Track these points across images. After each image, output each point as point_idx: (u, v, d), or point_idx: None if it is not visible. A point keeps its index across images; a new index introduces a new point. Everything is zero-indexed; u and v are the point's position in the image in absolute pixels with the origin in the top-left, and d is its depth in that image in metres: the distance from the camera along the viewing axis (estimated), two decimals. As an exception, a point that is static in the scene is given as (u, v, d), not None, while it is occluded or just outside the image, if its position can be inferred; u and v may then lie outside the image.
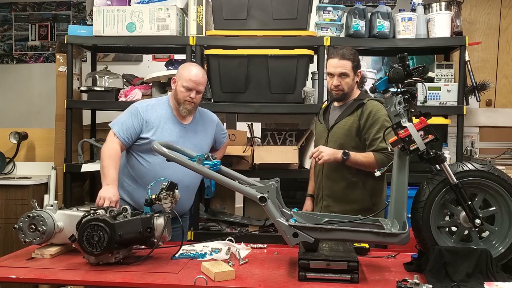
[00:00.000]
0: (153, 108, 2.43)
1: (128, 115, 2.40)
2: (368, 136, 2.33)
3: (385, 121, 2.30)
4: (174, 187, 1.99)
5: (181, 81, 2.41)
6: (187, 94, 2.39)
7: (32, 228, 1.96)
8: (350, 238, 1.84)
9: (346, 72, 2.35)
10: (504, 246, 1.81)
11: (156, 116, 2.42)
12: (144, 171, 2.40)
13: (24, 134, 3.97)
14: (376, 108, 2.33)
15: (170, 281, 1.71)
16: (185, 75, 2.40)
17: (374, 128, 2.31)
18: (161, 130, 2.40)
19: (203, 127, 2.56)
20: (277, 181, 1.90)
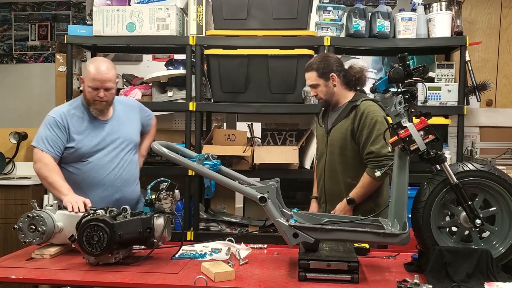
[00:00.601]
0: (69, 114, 2.32)
1: (47, 127, 2.28)
2: (359, 141, 2.31)
3: (376, 122, 2.27)
4: (174, 187, 1.99)
5: (87, 80, 2.28)
6: (95, 94, 2.27)
7: (32, 228, 1.96)
8: (350, 239, 1.84)
9: (313, 83, 2.39)
10: (504, 246, 1.81)
11: (75, 121, 2.32)
12: (79, 180, 2.32)
13: (23, 134, 3.97)
14: (368, 109, 2.30)
15: (170, 281, 1.71)
16: (89, 73, 2.26)
17: (365, 131, 2.28)
18: (85, 134, 2.32)
19: (126, 116, 2.48)
20: (277, 181, 1.90)
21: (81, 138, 2.31)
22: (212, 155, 2.02)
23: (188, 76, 3.15)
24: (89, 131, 2.34)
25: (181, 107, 3.20)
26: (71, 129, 2.31)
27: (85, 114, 2.36)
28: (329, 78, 2.37)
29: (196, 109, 3.14)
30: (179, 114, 3.96)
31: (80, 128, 2.33)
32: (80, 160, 2.32)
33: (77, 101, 2.41)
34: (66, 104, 2.44)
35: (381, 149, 2.24)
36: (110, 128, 2.40)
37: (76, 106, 2.38)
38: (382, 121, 2.28)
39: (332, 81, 2.37)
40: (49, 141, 2.26)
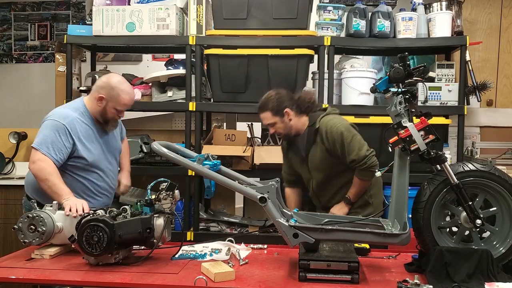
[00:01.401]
0: (77, 121, 2.29)
1: (54, 133, 2.22)
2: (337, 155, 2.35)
3: (342, 133, 2.32)
4: (174, 188, 1.99)
5: (114, 103, 2.29)
6: (116, 114, 2.33)
7: (32, 228, 1.96)
8: (350, 239, 1.84)
9: (270, 123, 2.42)
10: (505, 247, 1.81)
11: (84, 129, 2.30)
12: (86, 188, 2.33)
13: (23, 134, 3.96)
14: (328, 125, 2.36)
15: (170, 281, 1.71)
16: (120, 100, 2.29)
17: (337, 146, 2.33)
18: (91, 144, 2.32)
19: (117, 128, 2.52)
20: (277, 182, 1.90)
21: (92, 149, 2.32)
22: (212, 155, 2.02)
23: (188, 76, 3.15)
24: (95, 141, 2.35)
25: (181, 107, 3.19)
26: (80, 137, 2.28)
27: (92, 125, 2.36)
28: (283, 114, 2.39)
29: (196, 109, 3.14)
30: (179, 114, 3.96)
31: (89, 138, 2.32)
32: (90, 170, 2.32)
33: (81, 108, 2.35)
34: (71, 110, 2.34)
35: (359, 153, 2.30)
36: (107, 139, 2.44)
37: (82, 114, 2.33)
38: (346, 128, 2.34)
39: (287, 116, 2.40)
40: (54, 147, 2.20)
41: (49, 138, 2.21)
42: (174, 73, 3.25)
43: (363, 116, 3.09)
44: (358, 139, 2.35)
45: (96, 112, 2.34)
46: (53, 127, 2.24)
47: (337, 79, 3.23)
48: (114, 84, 2.30)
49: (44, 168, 2.17)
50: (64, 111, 2.35)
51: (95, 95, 2.31)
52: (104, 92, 2.29)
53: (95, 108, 2.33)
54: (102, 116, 2.34)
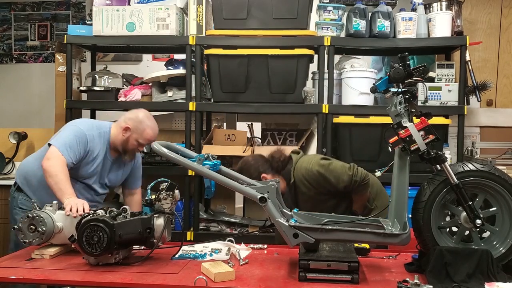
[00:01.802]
0: (95, 140, 2.38)
1: (74, 139, 2.30)
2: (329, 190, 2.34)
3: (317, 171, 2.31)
4: (174, 188, 1.99)
5: (138, 136, 2.38)
6: (137, 146, 2.40)
7: (32, 228, 1.96)
8: (350, 239, 1.84)
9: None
10: (505, 247, 1.81)
11: (97, 149, 2.38)
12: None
13: (23, 134, 3.96)
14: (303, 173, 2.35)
15: (170, 281, 1.71)
16: (145, 134, 2.38)
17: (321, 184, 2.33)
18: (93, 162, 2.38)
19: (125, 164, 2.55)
20: (277, 182, 1.90)
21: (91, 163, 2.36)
22: (212, 155, 2.02)
23: (188, 76, 3.15)
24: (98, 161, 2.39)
25: (181, 107, 3.20)
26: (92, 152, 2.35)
27: (105, 148, 2.41)
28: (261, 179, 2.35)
29: (196, 109, 3.14)
30: (179, 114, 3.96)
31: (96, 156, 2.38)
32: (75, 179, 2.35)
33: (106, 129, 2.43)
34: (96, 126, 2.42)
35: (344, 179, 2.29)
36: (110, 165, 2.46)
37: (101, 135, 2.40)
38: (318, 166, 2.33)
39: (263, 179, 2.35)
40: (71, 151, 2.26)
41: (69, 141, 2.28)
42: (174, 73, 3.25)
43: (363, 116, 3.09)
44: (334, 166, 2.33)
45: (118, 140, 2.41)
46: (75, 133, 2.32)
47: (337, 79, 3.23)
48: (142, 118, 2.41)
49: (57, 165, 2.21)
50: (90, 123, 2.46)
51: (122, 125, 2.40)
52: (131, 123, 2.39)
53: (117, 136, 2.41)
54: (123, 145, 2.40)
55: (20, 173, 2.47)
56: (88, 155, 2.35)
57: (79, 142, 2.30)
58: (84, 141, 2.32)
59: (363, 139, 3.08)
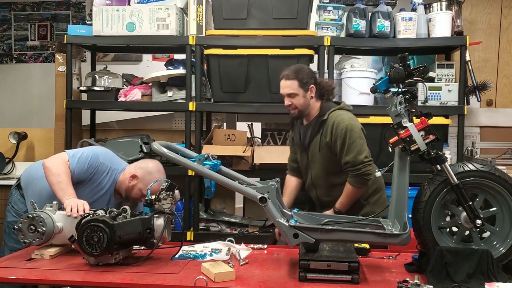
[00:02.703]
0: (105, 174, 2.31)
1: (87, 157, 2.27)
2: (336, 152, 2.33)
3: (347, 131, 2.28)
4: (174, 188, 1.98)
5: (143, 186, 2.27)
6: (140, 196, 2.32)
7: (32, 228, 1.95)
8: (350, 239, 1.84)
9: (293, 92, 2.35)
10: (505, 247, 1.81)
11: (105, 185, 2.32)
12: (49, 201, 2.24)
13: (23, 134, 3.96)
14: (336, 120, 2.31)
15: (170, 282, 1.71)
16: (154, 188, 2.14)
17: (338, 142, 2.30)
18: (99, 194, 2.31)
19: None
20: (277, 182, 1.90)
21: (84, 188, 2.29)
22: (212, 155, 2.02)
23: (188, 76, 3.15)
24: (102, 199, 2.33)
25: (181, 107, 3.19)
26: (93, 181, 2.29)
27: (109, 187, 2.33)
28: (308, 89, 2.36)
29: (196, 109, 3.14)
30: (179, 114, 3.96)
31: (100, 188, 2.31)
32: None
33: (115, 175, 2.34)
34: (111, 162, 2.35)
35: (356, 157, 2.27)
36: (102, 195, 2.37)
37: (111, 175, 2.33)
38: (352, 128, 2.29)
39: (310, 92, 2.37)
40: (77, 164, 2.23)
41: (81, 155, 2.26)
42: (174, 73, 3.25)
43: (363, 116, 3.08)
44: (361, 143, 2.29)
45: (123, 185, 2.33)
46: (91, 154, 2.29)
47: (337, 79, 3.23)
48: (151, 170, 2.32)
49: (61, 165, 2.19)
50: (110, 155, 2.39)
51: (131, 171, 2.33)
52: (140, 172, 2.31)
53: (124, 181, 2.33)
54: (127, 192, 2.33)
55: (26, 174, 2.42)
56: (96, 185, 2.30)
57: (90, 163, 2.26)
58: (95, 166, 2.27)
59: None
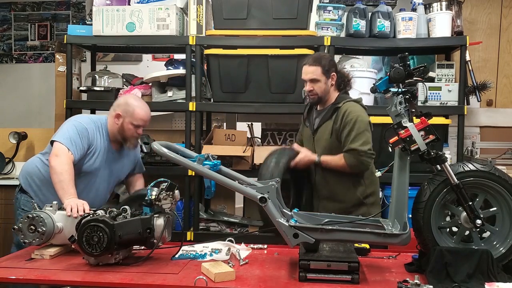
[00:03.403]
0: (96, 133, 2.38)
1: (76, 133, 2.30)
2: (342, 137, 2.36)
3: (357, 121, 2.31)
4: (174, 188, 1.98)
5: (130, 119, 2.36)
6: (135, 131, 2.39)
7: (32, 228, 1.96)
8: (350, 239, 1.84)
9: (316, 78, 2.39)
10: (505, 247, 1.81)
11: (98, 142, 2.38)
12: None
13: (23, 134, 3.96)
14: (349, 109, 2.35)
15: (170, 282, 1.71)
16: (136, 114, 2.37)
17: (346, 129, 2.33)
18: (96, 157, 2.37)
19: (127, 152, 2.54)
20: (277, 182, 1.90)
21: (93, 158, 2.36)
22: (212, 155, 2.02)
23: (188, 76, 3.15)
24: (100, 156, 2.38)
25: (181, 107, 3.19)
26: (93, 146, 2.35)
27: (105, 140, 2.41)
28: (330, 77, 2.42)
29: (196, 109, 3.14)
30: (179, 114, 3.96)
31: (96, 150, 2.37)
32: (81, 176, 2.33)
33: (103, 124, 2.42)
34: (93, 121, 2.41)
35: (362, 146, 2.30)
36: (113, 158, 2.46)
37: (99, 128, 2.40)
38: (362, 120, 2.34)
39: (331, 80, 2.43)
40: (76, 145, 2.27)
41: (72, 135, 2.28)
42: (174, 73, 3.25)
43: (363, 116, 3.08)
44: (368, 136, 2.33)
45: (115, 130, 2.41)
46: (77, 128, 2.32)
47: (337, 79, 3.23)
48: (128, 101, 2.42)
49: (65, 163, 2.21)
50: (88, 117, 2.44)
51: (113, 114, 2.40)
52: (120, 109, 2.38)
53: (113, 126, 2.41)
54: (121, 133, 2.40)
55: (22, 174, 2.46)
56: (90, 149, 2.34)
57: (82, 136, 2.30)
58: (86, 135, 2.32)
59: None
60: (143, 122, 2.39)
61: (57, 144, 2.26)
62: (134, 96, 2.46)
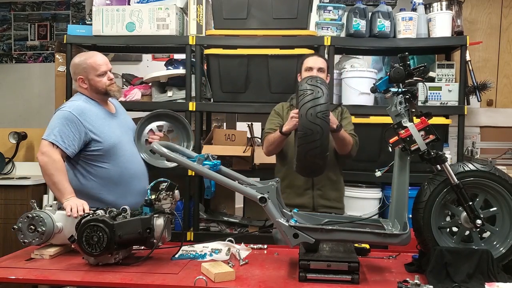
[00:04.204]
0: (87, 111, 2.25)
1: (63, 122, 2.17)
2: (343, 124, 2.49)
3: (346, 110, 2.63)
4: (174, 188, 1.98)
5: (92, 72, 2.28)
6: (105, 79, 2.30)
7: (32, 228, 1.95)
8: (350, 239, 1.83)
9: (323, 68, 2.53)
10: (505, 247, 1.81)
11: (94, 118, 2.26)
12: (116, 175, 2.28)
13: (23, 134, 3.96)
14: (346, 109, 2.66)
15: (170, 282, 1.71)
16: (92, 64, 2.28)
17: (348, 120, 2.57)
18: (106, 130, 2.27)
19: (121, 109, 2.50)
20: (277, 182, 1.90)
21: (103, 132, 2.26)
22: (212, 155, 2.02)
23: (188, 76, 3.15)
24: (106, 125, 2.30)
25: (181, 107, 3.19)
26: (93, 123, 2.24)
27: (98, 108, 2.32)
28: (327, 76, 2.57)
29: (196, 109, 3.14)
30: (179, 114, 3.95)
31: (99, 122, 2.26)
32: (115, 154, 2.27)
33: (82, 97, 2.32)
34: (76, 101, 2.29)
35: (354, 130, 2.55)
36: (120, 121, 2.41)
37: (86, 101, 2.30)
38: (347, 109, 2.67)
39: (328, 78, 2.58)
40: (62, 135, 2.15)
41: (56, 127, 2.17)
42: (174, 73, 3.25)
43: (363, 116, 3.09)
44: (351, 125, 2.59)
45: (91, 92, 2.32)
46: (60, 117, 2.20)
47: (337, 79, 3.23)
48: (76, 62, 2.33)
49: (52, 162, 2.13)
50: (70, 102, 2.32)
51: (77, 83, 2.33)
52: (77, 73, 2.31)
53: (85, 91, 2.33)
54: (97, 91, 2.31)
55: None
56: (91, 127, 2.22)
57: (68, 123, 2.17)
58: (72, 119, 2.18)
59: (363, 139, 3.07)
60: (105, 66, 2.31)
61: (43, 142, 2.16)
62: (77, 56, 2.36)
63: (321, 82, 1.96)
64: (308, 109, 1.87)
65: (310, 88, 1.92)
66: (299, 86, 1.98)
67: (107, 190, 2.27)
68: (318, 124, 1.85)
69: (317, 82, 1.95)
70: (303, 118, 1.88)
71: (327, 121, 1.88)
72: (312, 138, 1.87)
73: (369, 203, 3.12)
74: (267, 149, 2.54)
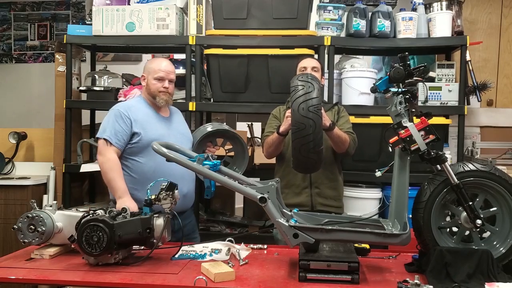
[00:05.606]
0: (134, 107, 2.42)
1: (113, 119, 2.36)
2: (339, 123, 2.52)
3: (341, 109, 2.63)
4: (174, 188, 1.98)
5: (152, 74, 2.44)
6: (160, 85, 2.43)
7: (31, 228, 1.95)
8: (350, 239, 1.83)
9: (317, 67, 2.57)
10: (505, 247, 1.81)
11: (141, 114, 2.41)
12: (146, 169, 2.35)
13: (23, 134, 3.96)
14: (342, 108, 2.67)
15: (170, 282, 1.70)
16: (155, 67, 2.45)
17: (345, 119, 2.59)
18: (149, 127, 2.38)
19: (178, 117, 2.61)
20: (277, 182, 1.90)
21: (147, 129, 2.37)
22: (212, 155, 2.02)
23: (188, 76, 3.15)
24: (153, 124, 2.41)
25: (181, 107, 3.17)
26: (138, 120, 2.37)
27: (148, 108, 2.46)
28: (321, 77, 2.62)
29: (196, 109, 3.14)
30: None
31: (145, 120, 2.39)
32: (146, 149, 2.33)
33: (138, 98, 2.53)
34: (129, 100, 2.57)
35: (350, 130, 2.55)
36: (170, 124, 2.49)
37: (140, 102, 2.48)
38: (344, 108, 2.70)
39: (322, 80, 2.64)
40: (114, 132, 2.31)
41: (108, 124, 2.34)
42: (174, 73, 3.25)
43: (363, 116, 3.09)
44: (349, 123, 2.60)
45: (145, 92, 2.49)
46: (111, 115, 2.38)
47: (337, 79, 3.23)
48: (147, 63, 2.54)
49: (106, 161, 2.29)
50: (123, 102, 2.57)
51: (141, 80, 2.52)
52: (144, 72, 2.50)
53: (144, 90, 2.50)
54: (149, 92, 2.46)
55: None
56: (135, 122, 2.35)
57: (117, 119, 2.34)
58: (120, 115, 2.34)
59: (363, 139, 3.07)
60: (163, 73, 2.43)
61: (100, 141, 2.34)
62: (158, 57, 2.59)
63: (312, 78, 1.97)
64: (300, 103, 1.89)
65: (301, 84, 1.94)
66: (291, 83, 2.00)
67: (142, 186, 2.28)
68: (311, 118, 1.86)
69: (308, 78, 1.97)
70: (295, 113, 1.89)
71: (319, 114, 1.89)
72: (305, 132, 1.88)
73: (369, 203, 3.12)
74: (267, 151, 2.56)
